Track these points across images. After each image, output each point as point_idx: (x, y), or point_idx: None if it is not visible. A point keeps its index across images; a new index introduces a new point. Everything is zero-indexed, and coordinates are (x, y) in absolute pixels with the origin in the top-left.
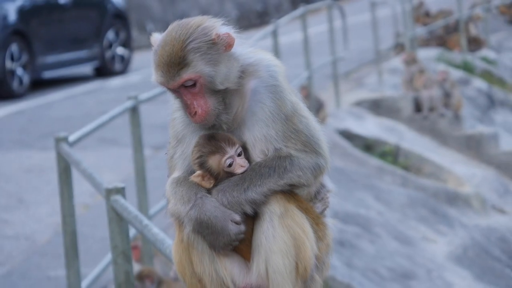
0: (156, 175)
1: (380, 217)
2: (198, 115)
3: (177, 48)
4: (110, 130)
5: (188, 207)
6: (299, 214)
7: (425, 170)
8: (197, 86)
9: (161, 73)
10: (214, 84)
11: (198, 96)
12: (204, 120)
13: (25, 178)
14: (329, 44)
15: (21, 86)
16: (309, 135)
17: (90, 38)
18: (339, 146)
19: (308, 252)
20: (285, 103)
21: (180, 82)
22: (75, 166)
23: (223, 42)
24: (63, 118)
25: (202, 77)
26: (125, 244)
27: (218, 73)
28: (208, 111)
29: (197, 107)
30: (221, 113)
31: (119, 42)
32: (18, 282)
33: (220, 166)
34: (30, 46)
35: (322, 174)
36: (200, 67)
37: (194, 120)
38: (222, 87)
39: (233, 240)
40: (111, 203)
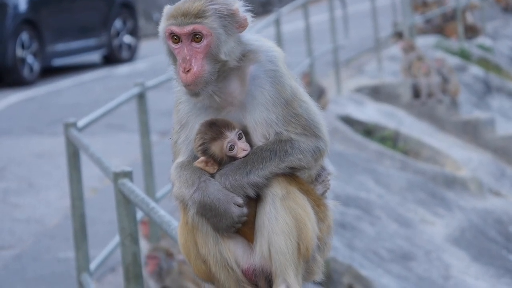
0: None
1: (380, 200)
2: (190, 74)
3: (198, 3)
4: (118, 116)
5: (192, 190)
6: (301, 196)
7: (424, 155)
8: (203, 43)
9: (173, 19)
10: (218, 50)
11: (199, 55)
12: (194, 81)
13: (35, 163)
14: (330, 32)
15: (32, 73)
16: (309, 119)
17: (98, 26)
18: (340, 131)
19: (310, 233)
20: (284, 88)
21: (191, 29)
22: (83, 151)
23: (239, 20)
24: (72, 105)
25: (213, 36)
26: (133, 226)
27: (226, 42)
28: (201, 74)
29: (193, 65)
30: (211, 83)
31: (126, 31)
32: (28, 264)
33: (222, 151)
34: (40, 35)
35: (322, 157)
36: (215, 25)
37: (185, 79)
38: (224, 58)
39: (236, 222)
40: (118, 187)
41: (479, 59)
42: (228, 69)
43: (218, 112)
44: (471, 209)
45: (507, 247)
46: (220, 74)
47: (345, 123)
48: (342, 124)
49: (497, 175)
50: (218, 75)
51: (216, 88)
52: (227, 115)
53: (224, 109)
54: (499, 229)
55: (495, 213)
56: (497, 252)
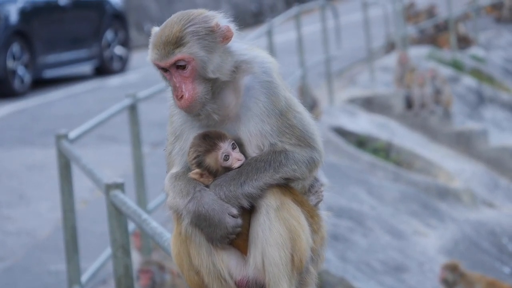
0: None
1: (372, 211)
2: (184, 100)
3: (176, 29)
4: (110, 127)
5: (186, 200)
6: (295, 207)
7: (416, 166)
8: (188, 69)
9: (156, 51)
10: (205, 71)
11: (187, 80)
12: (189, 106)
13: (27, 174)
14: (323, 43)
15: (23, 85)
16: (303, 130)
17: (89, 38)
18: (332, 142)
19: (304, 244)
20: (279, 99)
21: (172, 61)
22: (75, 162)
23: (221, 33)
24: (64, 116)
25: (195, 60)
26: (124, 238)
27: (211, 61)
28: (195, 98)
29: (184, 91)
30: (207, 103)
31: (118, 42)
32: (19, 276)
33: (217, 162)
34: (31, 46)
35: (316, 168)
36: (194, 50)
37: (180, 105)
38: (212, 76)
39: (230, 233)
40: (110, 198)
41: (472, 69)
42: (222, 84)
43: (212, 125)
44: (464, 220)
45: (500, 259)
46: (215, 91)
47: (337, 134)
48: (335, 135)
49: (490, 186)
50: (213, 93)
51: (215, 105)
52: (222, 126)
53: (218, 121)
54: (492, 241)
55: (488, 224)
56: (490, 264)
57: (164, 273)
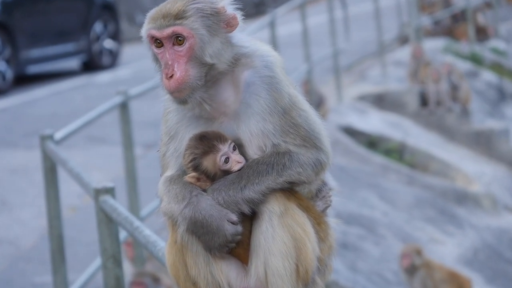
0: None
1: (385, 217)
2: (173, 80)
3: (179, 3)
4: (99, 127)
5: (182, 206)
6: (300, 213)
7: (432, 168)
8: (185, 46)
9: (153, 22)
10: (203, 53)
11: (181, 59)
12: (178, 87)
13: (9, 179)
14: (330, 35)
15: (4, 82)
16: (309, 129)
17: (76, 30)
18: (341, 143)
19: (310, 253)
20: (282, 96)
21: (170, 31)
22: (61, 165)
23: (226, 18)
24: (49, 116)
25: (195, 38)
26: (115, 247)
27: (211, 44)
28: (185, 80)
29: (176, 70)
30: (198, 89)
31: (107, 35)
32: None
33: (216, 165)
34: (13, 40)
35: (323, 171)
36: (196, 26)
37: (168, 85)
38: (209, 61)
39: (229, 241)
40: (100, 204)
41: (492, 63)
42: (218, 74)
43: (210, 122)
44: (484, 227)
45: None
46: (209, 79)
47: (346, 134)
48: (344, 135)
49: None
50: (206, 81)
51: (206, 95)
52: (220, 126)
53: (216, 120)
54: None
55: (510, 231)
56: None
57: (158, 285)
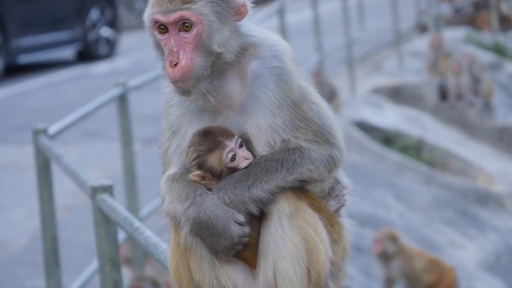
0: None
1: (401, 219)
2: (178, 68)
3: None
4: (95, 121)
5: (185, 205)
6: (312, 213)
7: (452, 166)
8: (192, 33)
9: (158, 5)
10: (210, 40)
11: (187, 46)
12: (183, 76)
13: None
14: (343, 23)
15: None
16: (321, 124)
17: (71, 17)
18: (354, 139)
19: (322, 256)
20: (292, 88)
21: (177, 16)
22: (56, 161)
23: (236, 5)
24: (42, 109)
25: (203, 24)
26: (113, 249)
27: (220, 31)
28: (191, 68)
29: (181, 58)
30: (203, 80)
31: (104, 22)
32: None
33: (222, 162)
34: (3, 27)
35: (336, 168)
36: (205, 11)
37: (172, 74)
38: (217, 49)
39: (236, 243)
40: (97, 203)
41: None
42: (225, 65)
43: (215, 116)
44: (507, 229)
45: None
46: (215, 69)
47: (360, 130)
48: (357, 131)
49: None
50: (212, 71)
51: (211, 86)
52: (225, 120)
53: (221, 113)
54: None
55: None
56: None
57: None
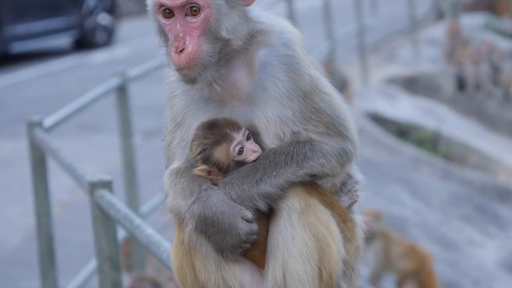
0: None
1: (417, 216)
2: (184, 54)
3: None
4: (93, 113)
5: (190, 201)
6: (323, 210)
7: (471, 160)
8: (199, 17)
9: None
10: (219, 26)
11: (194, 32)
12: (189, 63)
13: None
14: (355, 9)
15: None
16: (333, 115)
17: (67, 3)
18: (367, 131)
19: (334, 255)
20: (302, 77)
21: (184, 1)
22: (51, 155)
23: None
24: (37, 100)
25: (211, 8)
26: (113, 248)
27: (229, 17)
28: (198, 55)
29: (188, 43)
30: (209, 67)
31: (102, 9)
32: None
33: (229, 156)
34: None
35: (349, 162)
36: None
37: (177, 61)
38: (225, 36)
39: (243, 241)
40: (96, 200)
41: None
42: (232, 52)
43: (221, 107)
44: None
45: None
46: (222, 57)
47: (373, 122)
48: (370, 123)
49: None
50: (219, 59)
51: (217, 74)
52: (232, 111)
53: (227, 104)
54: None
55: None
56: None
57: None
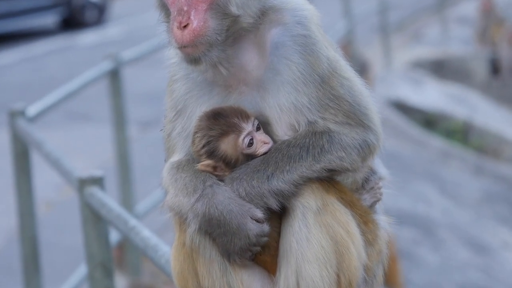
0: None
1: (445, 216)
2: (188, 30)
3: None
4: (82, 101)
5: (193, 199)
6: (342, 209)
7: (506, 154)
8: None
9: None
10: (228, 0)
11: (200, 5)
12: (193, 41)
13: None
14: None
15: None
16: (354, 103)
17: None
18: (390, 121)
19: (354, 260)
20: (319, 60)
21: None
22: (36, 148)
23: None
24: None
25: None
26: (105, 252)
27: None
28: (203, 32)
29: (192, 18)
30: (215, 46)
31: None
32: None
33: (237, 149)
34: None
35: (372, 155)
36: None
37: (180, 37)
38: (235, 11)
39: (252, 244)
40: (85, 198)
41: None
42: (241, 30)
43: (227, 93)
44: None
45: None
46: (230, 36)
47: (396, 111)
48: (393, 112)
49: None
50: (226, 37)
51: (223, 55)
52: (239, 98)
53: (234, 89)
54: None
55: None
56: None
57: None
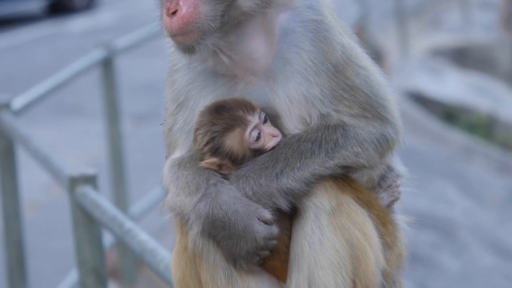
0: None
1: (467, 218)
2: (177, 18)
3: None
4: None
5: (195, 199)
6: (358, 209)
7: None
8: None
9: None
10: None
11: None
12: (182, 29)
13: None
14: None
15: None
16: (370, 94)
17: None
18: (407, 115)
19: (371, 265)
20: (333, 48)
21: None
22: (22, 144)
23: None
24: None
25: None
26: (98, 257)
27: None
28: (193, 18)
29: (181, 4)
30: (210, 34)
31: None
32: None
33: (244, 144)
34: None
35: (390, 150)
36: None
37: (169, 25)
38: None
39: (260, 248)
40: (77, 198)
41: None
42: (242, 16)
43: (232, 83)
44: None
45: None
46: (228, 21)
47: (414, 103)
48: (411, 105)
49: None
50: (223, 23)
51: (223, 42)
52: (246, 88)
53: (240, 80)
54: None
55: None
56: None
57: None
